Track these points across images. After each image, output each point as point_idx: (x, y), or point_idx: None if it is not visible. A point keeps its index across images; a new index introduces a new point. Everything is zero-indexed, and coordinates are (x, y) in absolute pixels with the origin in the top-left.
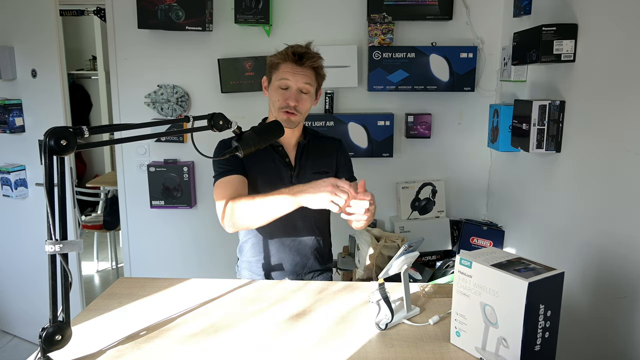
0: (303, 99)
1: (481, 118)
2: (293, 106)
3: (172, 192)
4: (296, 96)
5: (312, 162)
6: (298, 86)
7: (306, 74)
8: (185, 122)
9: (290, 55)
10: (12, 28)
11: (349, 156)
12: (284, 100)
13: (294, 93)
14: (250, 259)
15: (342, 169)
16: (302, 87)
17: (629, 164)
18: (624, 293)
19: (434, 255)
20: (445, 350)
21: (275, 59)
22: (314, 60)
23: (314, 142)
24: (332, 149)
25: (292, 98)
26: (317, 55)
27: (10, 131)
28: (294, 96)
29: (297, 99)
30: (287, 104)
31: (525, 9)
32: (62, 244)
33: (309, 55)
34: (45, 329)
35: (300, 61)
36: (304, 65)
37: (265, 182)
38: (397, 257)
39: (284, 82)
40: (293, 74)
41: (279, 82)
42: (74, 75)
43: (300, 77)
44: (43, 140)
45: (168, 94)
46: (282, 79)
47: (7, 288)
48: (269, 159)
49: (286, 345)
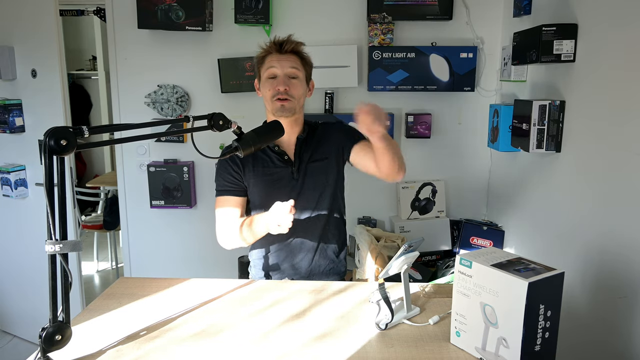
0: (293, 83)
1: (481, 118)
2: (284, 90)
3: (172, 192)
4: (284, 81)
5: (310, 152)
6: (285, 72)
7: (290, 59)
8: (185, 122)
9: (272, 45)
10: (12, 28)
11: (349, 127)
12: (273, 88)
13: (282, 78)
14: (256, 260)
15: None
16: (289, 72)
17: (629, 164)
18: (624, 293)
19: (434, 255)
20: (445, 350)
21: (259, 54)
22: (294, 45)
23: (312, 133)
24: (329, 132)
25: (281, 83)
26: (298, 41)
27: (10, 131)
28: (282, 81)
29: (285, 83)
30: (277, 90)
31: (525, 9)
32: (62, 244)
33: (289, 41)
34: (45, 329)
35: (282, 48)
36: (287, 51)
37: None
38: (397, 257)
39: (271, 71)
40: (278, 60)
41: (266, 72)
42: (74, 75)
43: (285, 63)
44: (43, 140)
45: (168, 94)
46: (268, 69)
47: (7, 288)
48: (266, 162)
49: (286, 345)
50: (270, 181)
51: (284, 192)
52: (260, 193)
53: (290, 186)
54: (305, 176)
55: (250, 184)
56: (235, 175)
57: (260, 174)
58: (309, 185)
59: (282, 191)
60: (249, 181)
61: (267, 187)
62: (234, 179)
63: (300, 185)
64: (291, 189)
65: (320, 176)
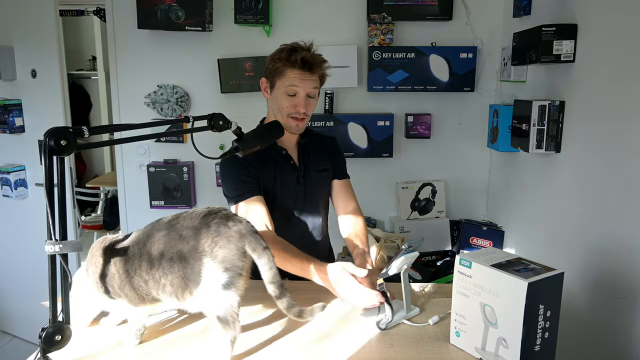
0: (310, 103)
1: (481, 118)
2: (303, 112)
3: (172, 192)
4: (305, 102)
5: (313, 160)
6: (307, 92)
7: (313, 78)
8: (185, 122)
9: (299, 63)
10: (12, 28)
11: (343, 155)
12: (292, 107)
13: (303, 99)
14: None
15: (337, 168)
16: (310, 92)
17: (629, 164)
18: (624, 293)
19: (434, 255)
20: (445, 350)
21: (280, 65)
22: (322, 69)
23: (312, 140)
24: (329, 147)
25: (302, 104)
26: (324, 60)
27: (10, 131)
28: (303, 102)
29: (306, 104)
30: (297, 110)
31: (525, 9)
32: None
33: (318, 63)
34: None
35: (310, 69)
36: (313, 72)
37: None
38: (397, 257)
39: (292, 89)
40: (301, 80)
41: (286, 88)
42: (74, 75)
43: (309, 83)
44: (43, 140)
45: (168, 94)
46: (290, 86)
47: (7, 288)
48: (276, 166)
49: (286, 345)
50: (279, 183)
51: (290, 196)
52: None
53: (295, 191)
54: (313, 185)
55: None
56: (254, 174)
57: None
58: (314, 194)
59: (288, 194)
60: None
61: (274, 189)
62: (252, 179)
63: (305, 193)
64: (296, 194)
65: (325, 186)
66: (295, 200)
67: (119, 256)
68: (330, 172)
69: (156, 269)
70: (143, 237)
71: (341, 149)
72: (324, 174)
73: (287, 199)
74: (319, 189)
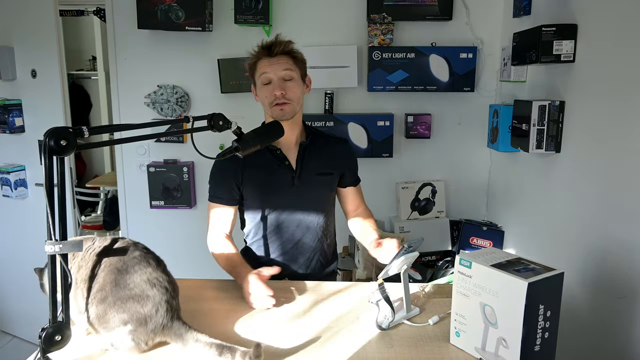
0: (288, 86)
1: (481, 118)
2: (280, 95)
3: (172, 192)
4: (280, 85)
5: (315, 163)
6: (278, 75)
7: (282, 61)
8: (185, 122)
9: (261, 50)
10: (12, 28)
11: (356, 159)
12: (270, 94)
13: (277, 83)
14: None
15: (349, 173)
16: (283, 74)
17: (629, 164)
18: (624, 293)
19: (434, 256)
20: (445, 350)
21: (250, 60)
22: (283, 46)
23: (317, 141)
24: (339, 150)
25: (277, 88)
26: (287, 41)
27: (10, 131)
28: (278, 86)
29: (281, 87)
30: (274, 96)
31: (525, 9)
32: (62, 244)
33: (278, 42)
34: (45, 329)
35: (271, 51)
36: (277, 54)
37: (264, 190)
38: (397, 257)
39: (265, 77)
40: (269, 65)
41: (260, 78)
42: (73, 75)
43: (277, 66)
44: (43, 140)
45: (168, 94)
46: (262, 75)
47: (7, 288)
48: (266, 165)
49: (286, 345)
50: (267, 183)
51: (282, 197)
52: (256, 195)
53: (287, 192)
54: (310, 187)
55: (249, 186)
56: (232, 184)
57: (259, 176)
58: (311, 196)
59: (280, 195)
60: (247, 183)
61: (264, 189)
62: (230, 188)
63: (300, 194)
64: (288, 194)
65: (325, 190)
66: (287, 201)
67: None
68: (334, 176)
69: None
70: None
71: (354, 153)
72: (326, 178)
73: (278, 200)
74: (317, 192)
